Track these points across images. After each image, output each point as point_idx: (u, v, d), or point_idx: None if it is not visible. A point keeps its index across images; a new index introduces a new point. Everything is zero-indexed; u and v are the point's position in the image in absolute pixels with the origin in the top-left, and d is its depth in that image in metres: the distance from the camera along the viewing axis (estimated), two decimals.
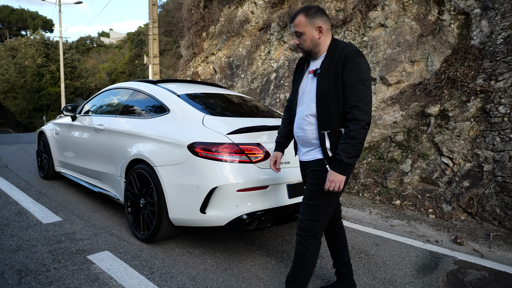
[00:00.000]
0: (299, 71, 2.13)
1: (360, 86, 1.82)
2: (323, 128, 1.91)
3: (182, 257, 2.79)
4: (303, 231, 1.98)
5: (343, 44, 1.94)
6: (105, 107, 4.09)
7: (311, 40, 1.93)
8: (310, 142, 2.01)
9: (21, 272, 2.41)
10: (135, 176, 3.09)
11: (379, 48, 5.50)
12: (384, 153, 4.99)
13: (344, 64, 1.84)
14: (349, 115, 1.83)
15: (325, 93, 1.88)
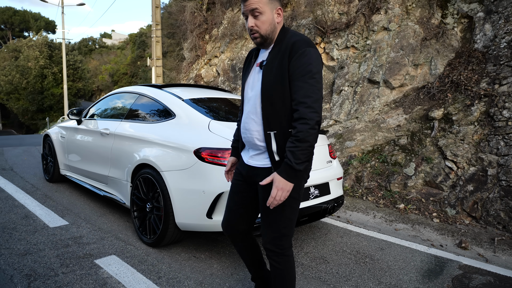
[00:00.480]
0: (247, 65, 1.84)
1: (308, 80, 1.55)
2: (270, 128, 1.64)
3: (189, 261, 2.81)
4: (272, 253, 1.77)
5: (293, 32, 1.69)
6: (111, 111, 4.12)
7: (270, 23, 1.63)
8: (256, 145, 1.73)
9: (30, 276, 2.43)
10: (141, 181, 3.12)
11: (382, 51, 5.51)
12: (387, 157, 5.00)
13: (291, 54, 1.58)
14: (296, 114, 1.56)
15: (270, 88, 1.62)
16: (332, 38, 6.14)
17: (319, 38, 6.36)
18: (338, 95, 5.83)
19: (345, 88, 5.77)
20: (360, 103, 5.55)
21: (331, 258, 3.03)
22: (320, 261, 2.97)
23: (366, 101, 5.50)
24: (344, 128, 5.61)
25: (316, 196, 3.05)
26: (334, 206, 3.28)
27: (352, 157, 5.28)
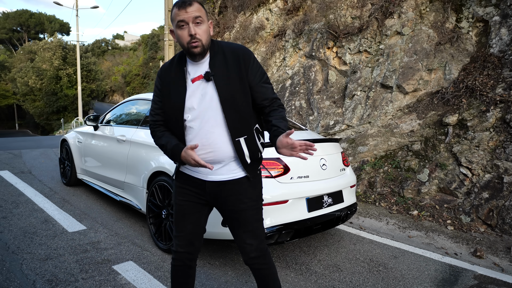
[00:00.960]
0: (168, 84, 1.70)
1: (267, 81, 1.76)
2: (238, 135, 1.66)
3: (204, 268, 2.86)
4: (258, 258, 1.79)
5: (224, 42, 1.73)
6: (127, 118, 4.20)
7: (208, 34, 1.63)
8: (220, 157, 1.69)
9: (51, 282, 2.51)
10: (157, 188, 3.18)
11: (395, 56, 5.48)
12: (401, 162, 4.97)
13: (246, 62, 1.67)
14: (275, 104, 1.76)
15: (232, 96, 1.64)
16: (345, 43, 6.13)
17: (331, 43, 6.36)
18: (351, 100, 5.83)
19: (358, 92, 5.76)
20: (373, 107, 5.53)
21: (345, 266, 3.05)
22: (334, 269, 2.99)
23: (379, 106, 5.48)
24: (356, 133, 5.60)
25: (329, 204, 3.07)
26: (347, 213, 3.29)
27: (365, 162, 5.27)
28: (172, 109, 1.69)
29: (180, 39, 1.61)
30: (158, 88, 1.74)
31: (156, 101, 1.75)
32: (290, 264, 3.03)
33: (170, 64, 1.72)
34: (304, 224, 2.83)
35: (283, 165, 2.81)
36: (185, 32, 1.58)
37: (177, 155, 1.67)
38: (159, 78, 1.74)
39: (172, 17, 1.61)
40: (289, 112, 6.59)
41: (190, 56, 1.64)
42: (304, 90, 6.63)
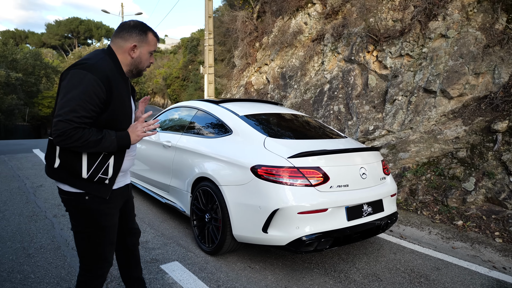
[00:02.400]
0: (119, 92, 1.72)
1: None
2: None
3: (244, 271, 2.98)
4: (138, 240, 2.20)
5: None
6: (172, 124, 4.43)
7: None
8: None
9: (108, 276, 2.74)
10: (200, 193, 3.35)
11: (439, 59, 5.31)
12: (444, 170, 4.82)
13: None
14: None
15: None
16: (385, 46, 6.02)
17: (371, 46, 6.27)
18: (391, 105, 5.72)
19: (399, 97, 5.64)
20: (415, 113, 5.39)
21: (384, 276, 3.04)
22: (373, 278, 2.99)
23: (422, 111, 5.33)
24: (397, 138, 5.48)
25: (369, 213, 3.08)
26: (387, 223, 3.27)
27: (406, 169, 5.15)
28: (125, 117, 1.77)
29: (142, 60, 1.81)
30: (100, 98, 1.61)
31: (90, 110, 1.59)
32: (329, 271, 3.07)
33: (112, 70, 1.69)
34: (343, 233, 2.86)
35: (322, 174, 2.86)
36: (149, 58, 1.85)
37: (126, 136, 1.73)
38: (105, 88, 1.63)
39: (148, 41, 1.80)
40: (327, 117, 6.58)
41: (136, 74, 1.85)
42: (343, 94, 6.58)
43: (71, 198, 1.72)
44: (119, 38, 1.77)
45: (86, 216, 1.73)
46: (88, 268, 1.79)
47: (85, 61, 1.64)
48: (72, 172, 1.68)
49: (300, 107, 7.27)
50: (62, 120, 1.53)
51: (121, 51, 1.76)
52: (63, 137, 1.55)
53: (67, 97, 1.56)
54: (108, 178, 1.73)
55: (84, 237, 1.75)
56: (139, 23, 1.80)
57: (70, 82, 1.58)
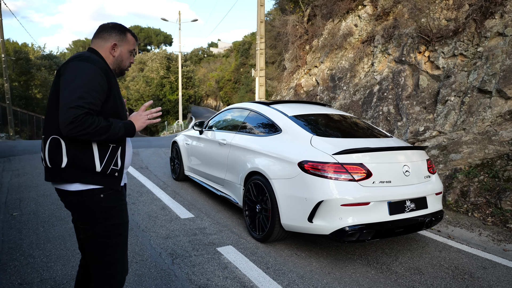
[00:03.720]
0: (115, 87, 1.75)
1: None
2: None
3: (291, 257, 3.27)
4: None
5: None
6: (226, 124, 4.86)
7: None
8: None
9: (172, 255, 3.20)
10: (252, 186, 3.70)
11: (496, 59, 5.16)
12: (499, 172, 4.69)
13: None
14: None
15: None
16: (438, 46, 5.95)
17: (423, 47, 6.21)
18: (443, 105, 5.65)
19: (451, 98, 5.56)
20: (468, 113, 5.29)
21: (427, 270, 3.15)
22: (415, 271, 3.12)
23: (476, 111, 5.22)
24: (449, 139, 5.41)
25: (412, 209, 3.21)
26: (431, 220, 3.36)
27: (457, 171, 5.08)
28: (123, 109, 1.81)
29: (123, 59, 1.84)
30: (103, 87, 1.64)
31: (96, 98, 1.59)
32: (371, 262, 3.25)
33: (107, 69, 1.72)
34: (385, 226, 3.03)
35: (365, 170, 3.06)
36: (130, 58, 1.87)
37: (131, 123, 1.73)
38: (106, 78, 1.66)
39: (127, 40, 1.83)
40: (376, 118, 6.62)
41: (118, 74, 1.88)
42: (393, 95, 6.59)
43: (83, 198, 1.64)
44: (99, 39, 1.79)
45: (101, 215, 1.66)
46: (106, 275, 1.70)
47: (79, 55, 1.67)
48: (84, 167, 1.62)
49: (349, 108, 7.37)
50: (72, 107, 1.50)
51: (102, 50, 1.78)
52: (76, 124, 1.49)
53: (72, 85, 1.55)
54: (117, 169, 1.72)
55: (101, 240, 1.67)
56: (117, 24, 1.84)
57: (72, 73, 1.58)
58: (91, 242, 1.68)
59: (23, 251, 3.21)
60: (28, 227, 3.76)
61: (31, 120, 24.95)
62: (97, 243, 1.67)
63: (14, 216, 4.11)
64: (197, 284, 2.73)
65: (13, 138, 19.15)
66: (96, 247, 1.68)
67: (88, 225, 1.66)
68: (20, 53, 25.88)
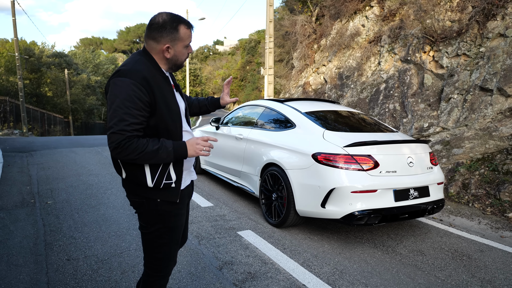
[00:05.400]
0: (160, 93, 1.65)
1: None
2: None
3: (305, 240, 3.61)
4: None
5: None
6: (242, 121, 5.20)
7: None
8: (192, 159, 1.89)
9: (198, 237, 3.55)
10: (268, 176, 4.04)
11: (497, 58, 5.44)
12: (499, 165, 4.99)
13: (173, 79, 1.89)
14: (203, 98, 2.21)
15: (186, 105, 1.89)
16: (442, 46, 6.23)
17: (428, 47, 6.50)
18: (447, 103, 5.94)
19: (455, 95, 5.85)
20: (470, 110, 5.58)
21: (428, 252, 3.47)
22: (417, 253, 3.44)
23: (477, 109, 5.51)
24: (452, 135, 5.71)
25: (415, 197, 3.53)
26: (433, 207, 3.68)
27: (460, 164, 5.38)
28: (173, 116, 1.70)
29: (178, 57, 1.71)
30: (143, 101, 1.56)
31: (138, 116, 1.55)
32: (378, 245, 3.58)
33: (151, 72, 1.64)
34: (391, 211, 3.36)
35: (373, 161, 3.38)
36: (186, 52, 1.73)
37: (182, 147, 1.65)
38: (146, 90, 1.58)
39: (180, 37, 1.66)
40: (382, 115, 6.93)
41: (176, 69, 1.77)
42: (399, 93, 6.88)
43: (142, 201, 1.71)
44: (151, 40, 1.66)
45: (156, 218, 1.72)
46: (154, 267, 1.79)
47: (122, 67, 1.62)
48: (138, 182, 1.67)
49: (356, 106, 7.68)
50: (114, 132, 1.51)
51: (155, 52, 1.68)
52: (119, 149, 1.52)
53: (113, 107, 1.53)
54: (173, 181, 1.70)
55: (152, 238, 1.75)
56: (167, 19, 1.64)
57: (112, 93, 1.56)
58: (145, 237, 1.76)
59: (64, 233, 3.58)
60: (64, 214, 4.14)
61: (42, 117, 25.50)
62: (149, 240, 1.76)
63: (49, 204, 4.48)
64: (223, 261, 3.08)
65: (26, 134, 19.68)
66: (147, 243, 1.77)
67: (144, 223, 1.74)
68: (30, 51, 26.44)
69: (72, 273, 2.78)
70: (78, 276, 2.75)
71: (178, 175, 1.72)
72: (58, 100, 28.40)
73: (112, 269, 2.87)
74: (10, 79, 24.25)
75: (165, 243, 1.76)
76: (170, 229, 1.75)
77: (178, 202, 1.74)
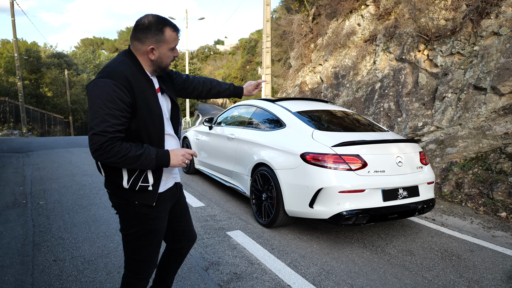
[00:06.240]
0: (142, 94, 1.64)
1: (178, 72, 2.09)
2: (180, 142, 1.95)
3: (294, 240, 3.60)
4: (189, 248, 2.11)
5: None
6: (234, 120, 5.19)
7: None
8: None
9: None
10: (259, 176, 4.03)
11: (490, 57, 5.41)
12: (492, 164, 4.96)
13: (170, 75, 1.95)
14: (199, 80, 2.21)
15: (176, 108, 1.87)
16: (436, 45, 6.21)
17: (422, 46, 6.47)
18: (441, 102, 5.91)
19: (448, 94, 5.82)
20: (464, 109, 5.55)
21: (418, 252, 3.46)
22: (407, 253, 3.43)
23: (471, 107, 5.48)
24: (446, 134, 5.69)
25: (404, 197, 3.51)
26: (423, 207, 3.66)
27: (453, 163, 5.36)
28: (154, 118, 1.68)
29: (163, 59, 1.70)
30: (125, 102, 1.55)
31: (119, 117, 1.53)
32: (367, 245, 3.57)
33: (133, 73, 1.63)
34: (379, 211, 3.35)
35: (361, 161, 3.37)
36: (171, 54, 1.72)
37: (166, 156, 1.65)
38: (127, 91, 1.57)
39: (166, 39, 1.65)
40: (377, 114, 6.90)
41: (158, 72, 1.75)
42: (393, 92, 6.86)
43: (121, 202, 1.71)
44: (136, 41, 1.65)
45: (135, 220, 1.71)
46: (133, 269, 1.79)
47: (104, 69, 1.61)
48: (114, 182, 1.68)
49: (352, 105, 7.66)
50: (95, 133, 1.48)
51: (139, 53, 1.67)
52: (101, 152, 1.50)
53: (94, 108, 1.51)
54: (150, 184, 1.69)
55: (132, 240, 1.74)
56: (153, 21, 1.63)
57: (93, 94, 1.54)
58: (124, 239, 1.76)
59: (53, 233, 3.58)
60: (55, 214, 4.14)
61: (42, 118, 25.58)
62: (128, 242, 1.75)
63: (40, 204, 4.49)
64: (209, 261, 3.07)
65: (26, 135, 19.73)
66: (126, 245, 1.77)
67: (124, 224, 1.75)
68: (31, 51, 26.50)
69: (57, 274, 2.78)
70: (63, 277, 2.75)
71: (156, 179, 1.71)
72: (58, 100, 28.46)
73: (97, 269, 2.87)
74: (10, 79, 24.32)
75: (144, 246, 1.75)
76: (148, 232, 1.74)
77: (155, 205, 1.73)
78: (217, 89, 2.25)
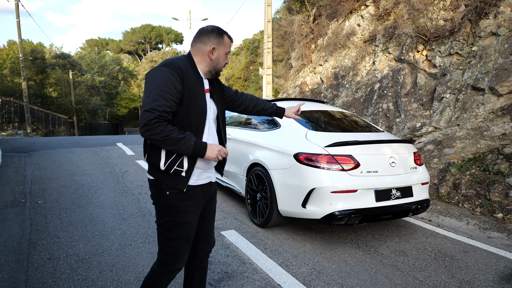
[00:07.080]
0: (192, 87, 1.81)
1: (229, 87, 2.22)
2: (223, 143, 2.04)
3: (287, 240, 3.62)
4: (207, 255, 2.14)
5: None
6: (232, 120, 5.21)
7: None
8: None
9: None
10: (253, 176, 4.05)
11: (489, 57, 5.39)
12: (489, 165, 4.94)
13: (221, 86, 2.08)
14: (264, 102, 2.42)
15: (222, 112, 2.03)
16: (435, 46, 6.19)
17: (421, 46, 6.46)
18: (439, 102, 5.90)
19: (447, 95, 5.80)
20: (462, 110, 5.53)
21: (411, 253, 3.46)
22: (399, 253, 3.43)
23: (469, 108, 5.46)
24: (444, 135, 5.67)
25: (397, 197, 3.52)
26: (417, 208, 3.66)
27: (451, 164, 5.34)
28: (198, 112, 1.83)
29: (219, 61, 1.90)
30: (176, 88, 1.72)
31: (169, 99, 1.70)
32: (361, 246, 3.57)
33: (187, 68, 1.81)
34: (372, 212, 3.35)
35: (354, 161, 3.38)
36: (225, 59, 1.92)
37: (203, 147, 1.77)
38: (180, 79, 1.74)
39: (224, 43, 1.89)
40: (376, 115, 6.90)
41: (214, 74, 1.94)
42: (392, 93, 6.85)
43: (156, 192, 1.83)
44: (199, 42, 1.87)
45: (164, 210, 1.82)
46: (162, 260, 1.88)
47: (164, 61, 1.82)
48: (153, 163, 1.81)
49: (351, 106, 7.65)
50: (146, 110, 1.64)
51: (200, 53, 1.86)
52: (148, 127, 1.63)
53: (149, 90, 1.69)
54: (184, 170, 1.79)
55: (161, 230, 1.85)
56: (216, 28, 1.89)
57: (151, 78, 1.73)
58: (157, 228, 1.88)
59: (49, 232, 3.63)
60: (52, 213, 4.19)
61: (46, 118, 25.77)
62: (159, 232, 1.87)
63: (39, 203, 4.54)
64: None
65: (30, 135, 19.91)
66: (158, 235, 1.88)
67: (157, 214, 1.86)
68: (36, 52, 26.72)
69: (51, 272, 2.82)
70: (56, 275, 2.79)
71: (189, 166, 1.81)
72: (62, 100, 28.68)
73: (91, 268, 2.90)
74: (15, 80, 24.55)
75: (173, 238, 1.83)
76: (176, 224, 1.82)
77: (185, 193, 1.82)
78: (261, 106, 2.39)
